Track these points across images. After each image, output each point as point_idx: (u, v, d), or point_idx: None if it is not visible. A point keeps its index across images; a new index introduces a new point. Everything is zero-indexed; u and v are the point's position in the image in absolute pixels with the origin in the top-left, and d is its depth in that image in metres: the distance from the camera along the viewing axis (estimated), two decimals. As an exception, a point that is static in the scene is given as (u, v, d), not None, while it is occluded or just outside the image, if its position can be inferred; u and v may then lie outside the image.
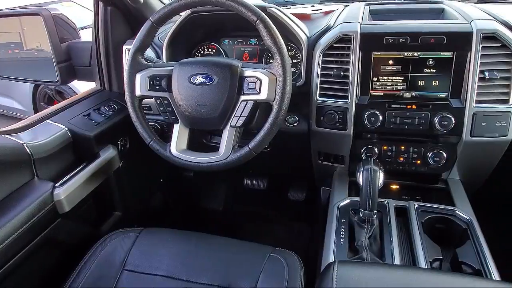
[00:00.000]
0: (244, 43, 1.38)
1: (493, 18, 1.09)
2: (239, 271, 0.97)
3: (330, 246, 0.95)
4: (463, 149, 1.09)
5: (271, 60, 0.96)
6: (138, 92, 1.05)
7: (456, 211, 1.04)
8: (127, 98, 1.05)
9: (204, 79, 1.00)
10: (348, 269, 0.69)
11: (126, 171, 1.36)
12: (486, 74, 1.01)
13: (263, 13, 0.95)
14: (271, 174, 1.83)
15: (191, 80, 1.00)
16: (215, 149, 1.02)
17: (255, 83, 0.97)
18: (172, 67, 1.03)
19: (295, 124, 1.24)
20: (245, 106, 0.98)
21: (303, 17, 1.36)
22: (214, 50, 1.41)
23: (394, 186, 1.22)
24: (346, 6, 1.42)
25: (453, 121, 1.05)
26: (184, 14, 1.25)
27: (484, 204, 1.25)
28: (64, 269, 1.03)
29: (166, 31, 1.31)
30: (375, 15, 1.28)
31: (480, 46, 1.01)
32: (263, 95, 0.96)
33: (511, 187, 1.31)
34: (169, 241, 1.07)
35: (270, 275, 0.94)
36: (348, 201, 1.11)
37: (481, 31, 1.01)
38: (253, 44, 1.36)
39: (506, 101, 1.02)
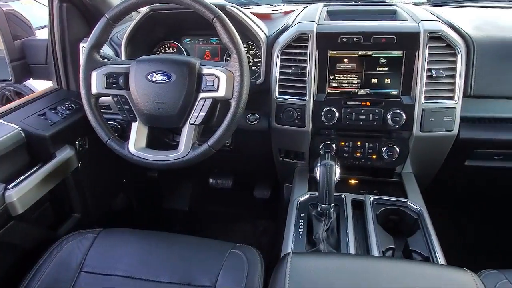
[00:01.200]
0: (205, 42, 1.38)
1: (438, 19, 1.15)
2: (199, 268, 0.97)
3: (289, 239, 0.98)
4: (414, 144, 1.15)
5: None
6: (94, 90, 1.03)
7: (408, 203, 1.09)
8: (83, 96, 1.03)
9: (162, 77, 0.99)
10: (301, 260, 0.71)
11: (86, 172, 1.33)
12: (433, 72, 1.07)
13: (220, 11, 0.96)
14: (236, 172, 1.84)
15: (149, 78, 1.00)
16: (177, 147, 1.02)
17: (213, 80, 0.97)
18: (129, 65, 1.02)
19: (256, 121, 1.26)
20: (203, 104, 0.99)
21: (263, 16, 1.38)
22: (175, 49, 1.40)
23: (352, 181, 1.26)
24: (306, 6, 1.45)
25: (404, 117, 1.10)
26: (142, 11, 1.24)
27: (436, 195, 1.33)
28: (19, 273, 0.99)
29: (125, 29, 1.30)
30: (332, 15, 1.32)
31: (427, 45, 1.07)
32: (221, 93, 0.97)
33: (459, 180, 1.39)
34: (129, 241, 1.06)
35: (230, 270, 0.95)
36: (307, 196, 1.14)
37: (428, 31, 1.07)
38: (214, 43, 1.37)
39: (451, 98, 1.09)
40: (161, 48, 1.40)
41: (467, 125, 1.14)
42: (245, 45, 1.29)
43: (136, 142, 1.03)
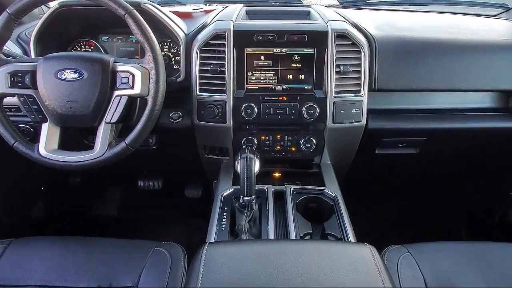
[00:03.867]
0: (124, 40, 1.35)
1: (345, 20, 1.25)
2: (121, 269, 0.95)
3: (212, 232, 0.99)
4: (328, 135, 1.23)
5: None
6: (-4, 90, 0.96)
7: (325, 191, 1.17)
8: None
9: (73, 75, 0.96)
10: (216, 248, 0.74)
11: (-6, 180, 1.23)
12: (341, 68, 1.16)
13: (132, 8, 0.95)
14: (165, 173, 1.82)
15: (59, 76, 0.96)
16: None
17: (128, 77, 0.97)
18: (36, 62, 0.97)
19: (179, 119, 1.26)
20: (119, 101, 0.98)
21: (184, 15, 1.39)
22: (92, 47, 1.35)
23: (276, 174, 1.31)
24: (226, 6, 1.48)
25: (318, 110, 1.17)
26: (52, 7, 1.18)
27: (353, 182, 1.43)
28: None
29: (35, 26, 1.22)
30: (250, 15, 1.37)
31: (335, 43, 1.15)
32: (136, 90, 0.96)
33: (372, 167, 1.52)
34: (44, 249, 1.00)
35: (153, 268, 0.95)
36: (231, 190, 1.17)
37: (335, 30, 1.15)
38: (133, 41, 1.34)
39: (358, 91, 1.18)
40: (76, 46, 1.34)
41: (374, 116, 1.25)
42: (165, 43, 1.29)
43: (47, 144, 0.98)
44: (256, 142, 1.24)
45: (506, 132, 1.31)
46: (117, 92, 0.97)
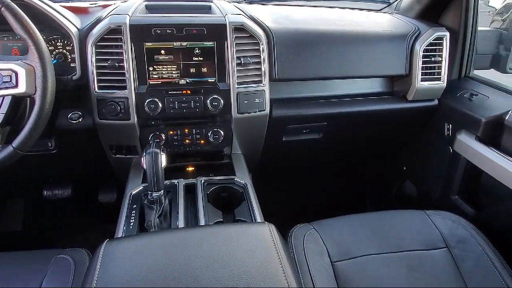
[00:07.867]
0: (10, 37, 1.23)
1: (243, 14, 1.29)
2: (20, 283, 0.89)
3: (119, 232, 0.97)
4: (235, 125, 1.27)
5: None
6: None
7: (235, 179, 1.20)
8: None
9: None
10: (116, 244, 0.73)
11: None
12: (242, 60, 1.19)
13: (9, 0, 0.88)
14: (74, 179, 1.71)
15: None
16: None
17: (10, 76, 0.90)
18: None
19: (80, 119, 1.20)
20: (1, 102, 0.90)
21: (80, 10, 1.32)
22: (-28, 47, 1.22)
23: (189, 168, 1.31)
24: (125, 1, 1.44)
25: (222, 102, 1.20)
26: None
27: (265, 169, 1.49)
28: None
29: None
30: (150, 9, 1.34)
31: (234, 36, 1.19)
32: (21, 89, 0.90)
33: (281, 154, 1.60)
34: None
35: (54, 276, 0.90)
36: (141, 187, 1.15)
37: (232, 23, 1.19)
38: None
39: (260, 82, 1.24)
40: (-48, 45, 1.20)
41: (277, 105, 1.32)
42: (58, 40, 1.21)
43: None
44: (164, 137, 1.23)
45: (393, 113, 1.47)
46: (-2, 92, 0.90)
